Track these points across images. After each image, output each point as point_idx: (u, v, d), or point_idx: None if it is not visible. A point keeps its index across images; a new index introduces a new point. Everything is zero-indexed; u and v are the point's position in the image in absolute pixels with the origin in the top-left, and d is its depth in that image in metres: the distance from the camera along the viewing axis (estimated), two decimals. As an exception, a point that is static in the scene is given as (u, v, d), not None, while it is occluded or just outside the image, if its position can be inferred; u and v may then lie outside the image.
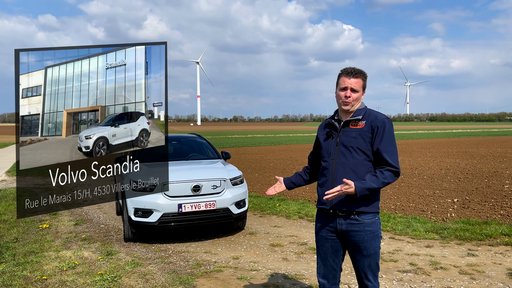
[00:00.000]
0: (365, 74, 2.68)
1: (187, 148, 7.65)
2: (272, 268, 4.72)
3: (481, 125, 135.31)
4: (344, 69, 2.68)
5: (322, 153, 2.76)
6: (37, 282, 4.33)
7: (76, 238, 6.16)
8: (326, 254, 2.74)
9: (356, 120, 2.66)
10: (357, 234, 2.60)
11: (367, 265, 2.65)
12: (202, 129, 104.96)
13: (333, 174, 2.63)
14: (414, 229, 6.11)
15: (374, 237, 2.62)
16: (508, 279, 4.21)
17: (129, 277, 4.46)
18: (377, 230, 2.64)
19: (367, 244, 2.60)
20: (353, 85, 2.62)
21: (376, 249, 2.63)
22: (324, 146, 2.75)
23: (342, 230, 2.64)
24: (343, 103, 2.65)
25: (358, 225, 2.59)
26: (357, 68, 2.66)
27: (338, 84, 2.70)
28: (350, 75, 2.63)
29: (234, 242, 5.87)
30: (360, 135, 2.61)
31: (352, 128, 2.66)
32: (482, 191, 9.08)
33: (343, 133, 2.67)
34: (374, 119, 2.63)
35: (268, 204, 8.37)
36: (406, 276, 4.36)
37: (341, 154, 2.63)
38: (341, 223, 2.63)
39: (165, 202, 5.60)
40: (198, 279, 4.39)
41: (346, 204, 2.58)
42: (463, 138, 38.15)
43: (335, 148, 2.67)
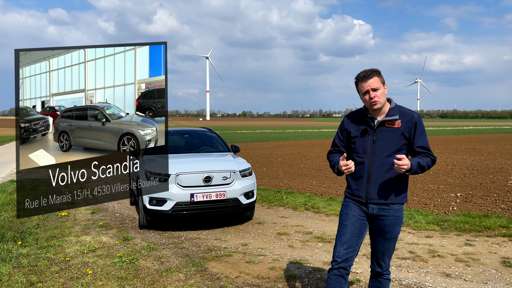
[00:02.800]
0: (377, 70, 2.81)
1: (198, 141, 7.97)
2: (279, 254, 5.02)
3: (493, 122, 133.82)
4: (357, 77, 2.83)
5: (356, 148, 2.88)
6: (61, 263, 4.69)
7: (94, 225, 6.52)
8: (353, 234, 2.88)
9: (393, 120, 2.81)
10: (386, 219, 2.84)
11: (386, 247, 2.91)
12: (211, 124, 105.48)
13: (369, 172, 2.81)
14: (416, 221, 6.36)
15: (399, 222, 2.87)
16: (502, 266, 4.46)
17: (146, 259, 4.80)
18: (402, 216, 2.90)
19: (391, 228, 2.85)
20: (372, 85, 2.75)
21: (397, 234, 2.90)
22: (359, 142, 2.87)
23: (373, 214, 2.86)
24: (372, 104, 2.77)
25: (387, 210, 2.84)
26: (367, 69, 2.81)
27: (359, 91, 2.84)
28: (366, 79, 2.76)
29: (242, 231, 6.18)
30: (397, 135, 2.79)
31: (389, 127, 2.81)
32: (485, 186, 9.27)
33: (379, 132, 2.82)
34: (410, 118, 2.81)
35: (275, 196, 8.67)
36: (404, 262, 4.63)
37: (378, 152, 2.79)
38: (373, 208, 2.85)
39: (178, 191, 5.92)
40: (209, 262, 4.71)
41: (382, 197, 2.81)
42: (473, 135, 37.99)
43: (371, 146, 2.81)
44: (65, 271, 4.44)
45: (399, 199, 2.84)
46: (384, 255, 2.95)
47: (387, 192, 2.81)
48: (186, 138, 8.05)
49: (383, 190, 2.81)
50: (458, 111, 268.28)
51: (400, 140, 2.80)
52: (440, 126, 77.02)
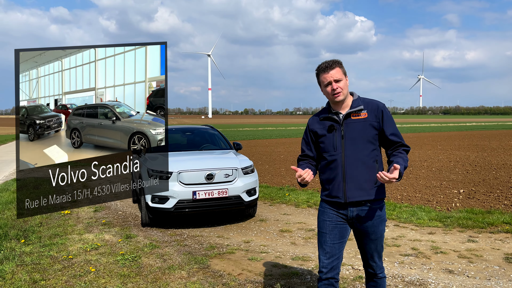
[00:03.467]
0: (339, 61, 2.71)
1: (200, 139, 7.97)
2: (281, 251, 5.02)
3: (496, 118, 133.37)
4: (318, 67, 2.74)
5: (325, 147, 2.75)
6: (64, 261, 4.70)
7: (97, 223, 6.54)
8: (333, 241, 2.77)
9: (358, 110, 2.70)
10: (367, 220, 2.72)
11: (373, 248, 2.80)
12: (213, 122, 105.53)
13: (343, 169, 2.68)
14: (418, 218, 6.35)
15: (381, 222, 2.76)
16: (504, 262, 4.45)
17: (148, 257, 4.81)
18: (384, 215, 2.79)
19: (375, 228, 2.74)
20: (334, 76, 2.65)
21: (382, 233, 2.79)
22: (327, 140, 2.74)
23: (353, 216, 2.73)
24: (334, 96, 2.68)
25: (368, 211, 2.71)
26: (329, 60, 2.72)
27: (320, 83, 2.76)
28: (328, 69, 2.67)
29: (245, 228, 6.19)
30: (366, 125, 2.68)
31: (355, 119, 2.70)
32: (488, 183, 9.24)
33: (346, 126, 2.70)
34: (375, 107, 2.72)
35: (278, 193, 8.67)
36: (407, 259, 4.63)
37: (349, 147, 2.67)
38: (353, 210, 2.72)
39: (180, 189, 5.93)
40: (212, 260, 4.71)
41: (360, 195, 2.68)
42: (476, 131, 37.88)
43: (341, 142, 2.69)
44: (68, 269, 4.46)
45: (378, 193, 2.72)
46: (374, 256, 2.85)
47: (365, 188, 2.68)
48: (188, 136, 8.05)
49: (361, 186, 2.68)
50: (461, 107, 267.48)
51: (370, 130, 2.69)
52: (442, 123, 76.82)
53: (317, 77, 2.76)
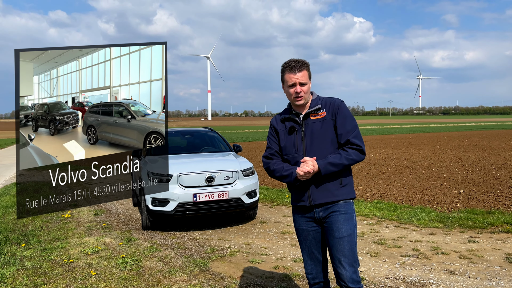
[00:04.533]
0: (307, 63, 2.61)
1: (200, 141, 7.97)
2: (282, 253, 5.02)
3: (495, 118, 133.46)
4: (286, 65, 2.60)
5: (287, 149, 2.67)
6: (65, 265, 4.70)
7: (97, 226, 6.54)
8: (310, 247, 2.70)
9: (317, 110, 2.62)
10: (332, 215, 2.59)
11: (340, 250, 2.55)
12: (213, 124, 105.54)
13: None
14: (419, 218, 6.35)
15: (348, 218, 2.59)
16: (506, 263, 4.44)
17: (149, 260, 4.81)
18: (352, 212, 2.62)
19: (339, 224, 2.56)
20: (300, 79, 2.55)
21: (349, 231, 2.57)
22: (288, 141, 2.66)
23: (320, 217, 2.63)
24: (295, 100, 2.59)
25: (333, 207, 2.59)
26: (298, 59, 2.59)
27: (284, 81, 2.63)
28: (295, 70, 2.55)
29: (246, 230, 6.18)
30: (324, 124, 2.59)
31: (315, 119, 2.62)
32: (488, 183, 9.24)
33: (306, 126, 2.62)
34: (332, 105, 2.62)
35: (278, 195, 8.67)
36: (408, 260, 4.62)
37: (310, 148, 2.59)
38: (318, 211, 2.62)
39: (180, 192, 5.93)
40: (213, 262, 4.71)
41: (326, 197, 2.58)
42: (476, 132, 37.90)
43: (301, 143, 2.62)
44: (69, 272, 4.45)
45: (344, 194, 2.60)
46: (341, 261, 2.54)
47: (330, 190, 2.57)
48: (188, 139, 8.06)
49: (325, 188, 2.56)
50: (460, 108, 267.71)
51: (329, 129, 2.58)
52: (442, 123, 76.85)
53: (282, 74, 2.63)
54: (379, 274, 4.22)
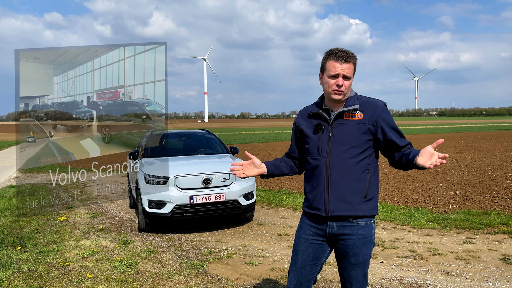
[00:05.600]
0: (355, 56, 2.30)
1: (197, 143, 7.96)
2: (279, 255, 5.01)
3: (491, 119, 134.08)
4: (332, 52, 2.27)
5: (310, 149, 2.37)
6: (61, 268, 4.67)
7: (94, 229, 6.51)
8: (305, 262, 2.39)
9: (353, 110, 2.29)
10: (349, 238, 2.31)
11: (354, 276, 2.35)
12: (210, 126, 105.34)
13: (327, 176, 2.29)
14: (415, 219, 6.36)
15: (367, 243, 2.32)
16: (502, 263, 4.46)
17: (146, 263, 4.79)
18: (371, 235, 2.34)
19: (357, 250, 2.31)
20: (345, 72, 2.24)
21: (366, 257, 2.34)
22: (312, 141, 2.36)
23: (333, 233, 2.33)
24: (334, 93, 2.26)
25: (350, 228, 2.30)
26: (347, 50, 2.27)
27: (325, 69, 2.28)
28: (342, 60, 2.23)
29: (243, 232, 6.17)
30: (359, 128, 2.27)
31: (348, 120, 2.29)
32: (485, 184, 9.28)
33: (336, 127, 2.30)
34: (373, 109, 2.30)
35: (275, 197, 8.66)
36: (405, 261, 4.63)
37: (336, 151, 2.28)
38: (332, 226, 2.32)
39: (177, 194, 5.91)
40: (210, 264, 4.70)
41: (345, 209, 2.27)
42: (472, 133, 38.05)
43: (327, 144, 2.30)
44: (65, 275, 4.43)
45: (366, 210, 2.29)
46: (352, 285, 2.38)
47: (350, 201, 2.26)
48: (185, 140, 8.04)
49: (346, 198, 2.26)
50: (456, 109, 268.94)
51: (363, 135, 2.27)
52: (438, 124, 77.11)
53: (324, 61, 2.30)
54: (376, 276, 4.23)
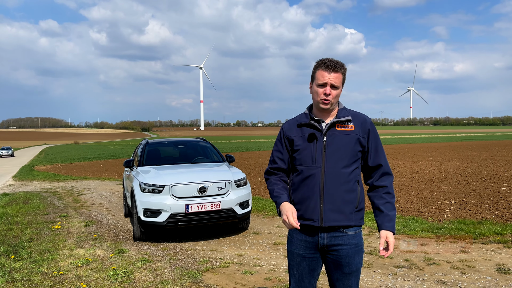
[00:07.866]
0: (345, 67, 2.31)
1: (193, 151, 7.96)
2: (275, 264, 5.00)
3: (485, 129, 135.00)
4: (322, 62, 2.30)
5: (302, 159, 2.33)
6: (55, 277, 4.63)
7: (88, 237, 6.46)
8: (302, 275, 2.38)
9: (345, 121, 2.33)
10: (341, 249, 2.31)
11: (347, 285, 2.36)
12: (206, 134, 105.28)
13: (322, 185, 2.26)
14: (411, 229, 6.38)
15: (359, 251, 2.34)
16: (497, 273, 4.47)
17: (140, 272, 4.76)
18: (362, 244, 2.37)
19: (350, 259, 2.31)
20: (333, 81, 2.25)
21: (358, 266, 2.35)
22: (305, 150, 2.32)
23: (324, 244, 2.32)
24: (322, 102, 2.28)
25: (342, 238, 2.30)
26: (336, 59, 2.29)
27: (314, 78, 2.32)
28: (330, 69, 2.24)
29: (238, 241, 6.15)
30: (351, 139, 2.30)
31: (341, 131, 2.32)
32: (479, 193, 9.33)
33: (329, 137, 2.31)
34: (363, 121, 2.36)
35: (271, 206, 8.65)
36: (400, 271, 4.63)
37: (330, 161, 2.27)
38: (323, 237, 2.30)
39: (172, 202, 5.89)
40: (205, 274, 4.68)
41: (339, 219, 2.28)
42: (466, 142, 38.29)
43: (321, 154, 2.28)
44: (58, 285, 4.38)
45: (357, 219, 2.32)
46: None
47: (344, 211, 2.28)
48: (180, 149, 8.04)
49: (340, 208, 2.27)
50: (451, 119, 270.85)
51: (355, 145, 2.31)
52: (433, 134, 77.58)
53: (314, 70, 2.33)
54: (372, 285, 4.22)
